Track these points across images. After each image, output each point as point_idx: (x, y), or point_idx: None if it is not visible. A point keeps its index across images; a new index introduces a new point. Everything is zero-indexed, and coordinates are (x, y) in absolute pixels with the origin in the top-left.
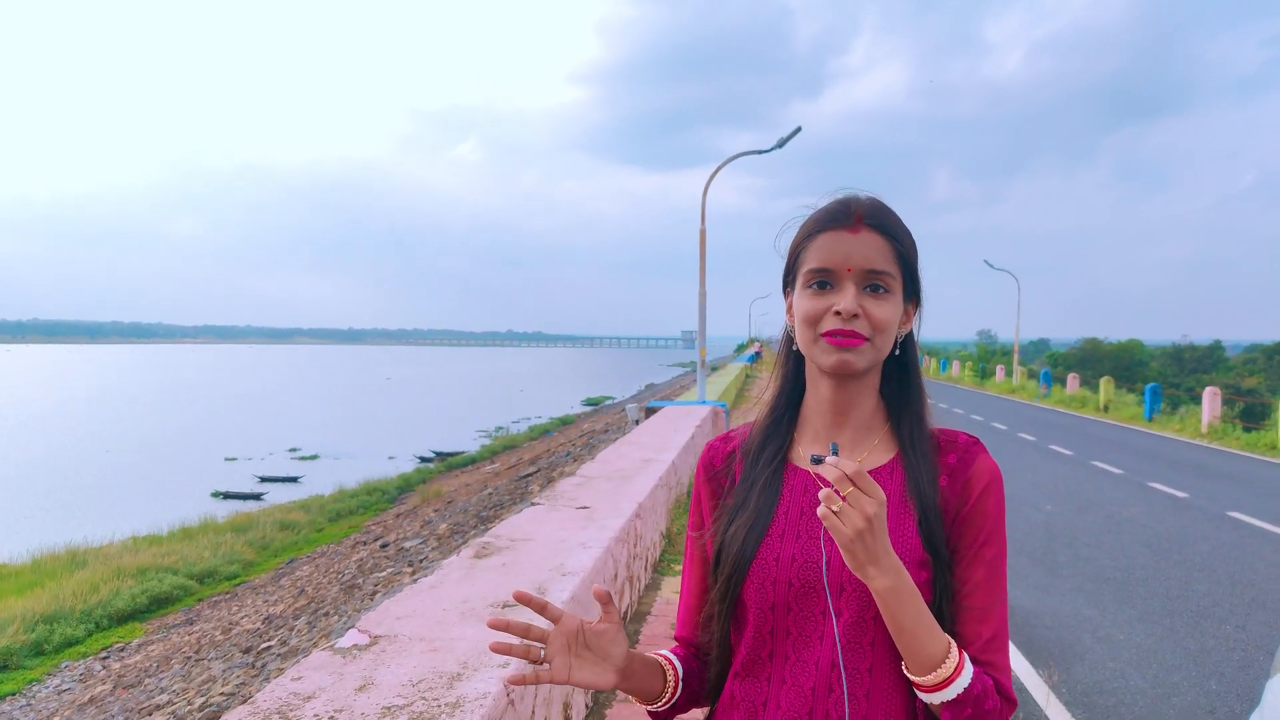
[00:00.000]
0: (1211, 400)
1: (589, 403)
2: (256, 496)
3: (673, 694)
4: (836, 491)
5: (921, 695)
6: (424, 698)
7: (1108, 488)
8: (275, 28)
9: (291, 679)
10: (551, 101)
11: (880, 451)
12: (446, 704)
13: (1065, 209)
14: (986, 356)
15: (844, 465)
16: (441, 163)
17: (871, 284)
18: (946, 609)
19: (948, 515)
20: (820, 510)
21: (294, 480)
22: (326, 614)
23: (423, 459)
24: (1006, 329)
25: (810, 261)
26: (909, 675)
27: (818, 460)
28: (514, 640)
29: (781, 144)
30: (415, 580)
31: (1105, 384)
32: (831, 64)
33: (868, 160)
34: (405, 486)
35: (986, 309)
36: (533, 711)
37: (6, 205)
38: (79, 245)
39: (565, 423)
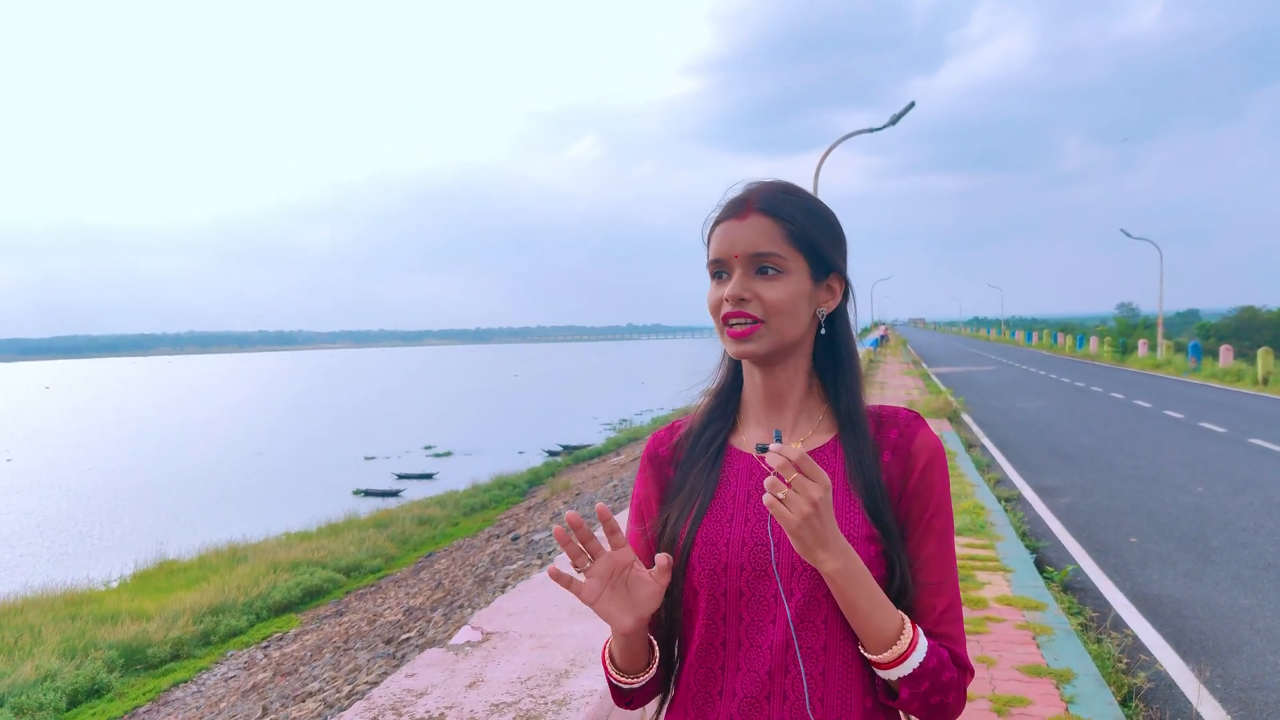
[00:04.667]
0: None
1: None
2: (395, 493)
3: (654, 674)
4: (781, 478)
5: (879, 672)
6: (531, 695)
7: (1268, 467)
8: (398, 41)
9: (406, 675)
10: (665, 94)
11: (821, 432)
12: (554, 701)
13: (1210, 171)
14: (1128, 331)
15: (787, 451)
16: (558, 161)
17: (760, 267)
18: (900, 582)
19: (894, 490)
20: (765, 498)
21: (429, 477)
22: (461, 606)
23: (550, 453)
24: (1149, 301)
25: (710, 254)
26: (865, 653)
27: (763, 449)
28: (575, 542)
29: (894, 120)
30: (528, 576)
31: (1263, 355)
32: (950, 36)
33: (991, 133)
34: (535, 480)
35: (1126, 281)
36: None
37: (168, 228)
38: (229, 261)
39: (686, 413)
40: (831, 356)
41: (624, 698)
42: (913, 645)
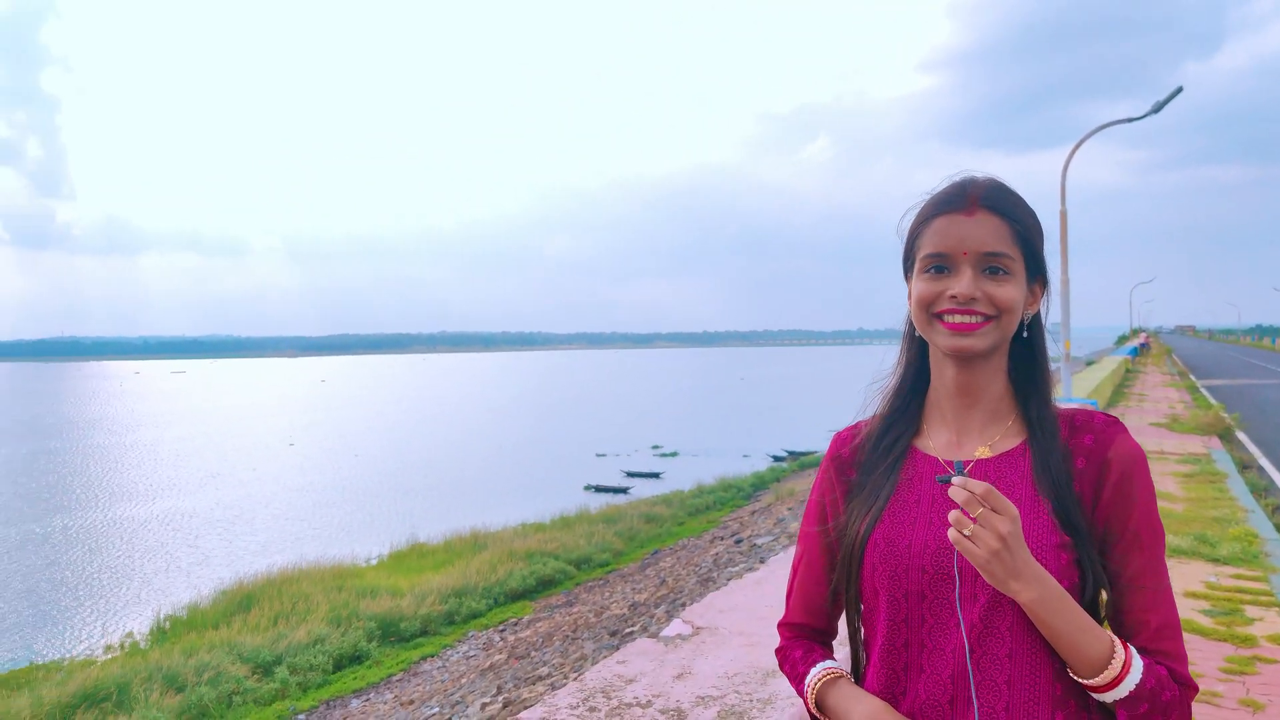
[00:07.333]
0: None
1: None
2: (624, 490)
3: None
4: (966, 513)
5: (1094, 695)
6: (737, 691)
7: None
8: (637, 47)
9: (617, 661)
10: (902, 92)
11: (1011, 436)
12: (759, 699)
13: None
14: None
15: (972, 485)
16: (790, 163)
17: (990, 266)
18: (1094, 589)
19: (1087, 498)
20: (951, 534)
21: (656, 476)
22: (684, 604)
23: (776, 458)
24: None
25: (926, 246)
26: (1077, 679)
27: (945, 480)
28: None
29: (1158, 108)
30: (741, 575)
31: None
32: (1232, 14)
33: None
34: (759, 484)
35: None
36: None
37: (422, 235)
38: (478, 266)
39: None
40: (1028, 360)
41: None
42: (1126, 667)
